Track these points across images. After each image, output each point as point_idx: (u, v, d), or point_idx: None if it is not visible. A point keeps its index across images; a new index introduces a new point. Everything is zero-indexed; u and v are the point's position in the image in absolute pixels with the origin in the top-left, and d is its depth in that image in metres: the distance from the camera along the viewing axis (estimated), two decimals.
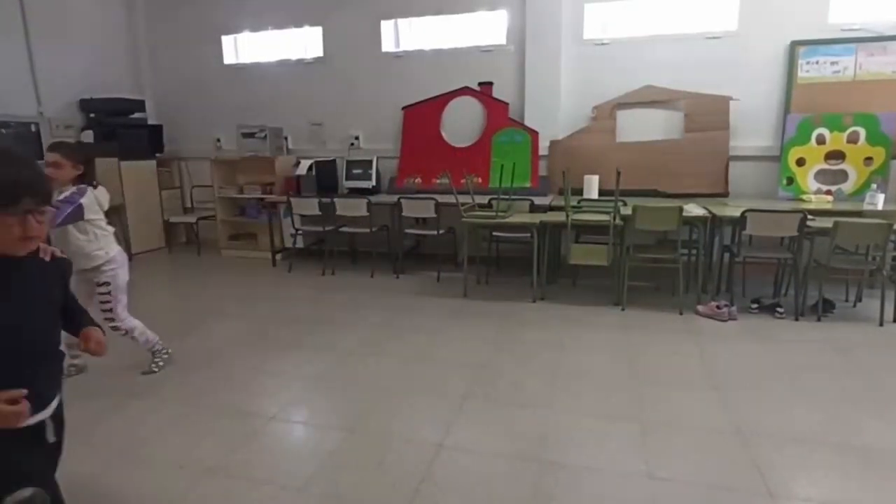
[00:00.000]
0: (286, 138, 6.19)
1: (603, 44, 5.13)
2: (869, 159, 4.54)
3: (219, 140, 6.47)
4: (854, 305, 4.10)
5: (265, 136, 5.84)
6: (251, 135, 5.88)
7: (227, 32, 6.34)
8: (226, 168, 6.21)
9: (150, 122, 6.49)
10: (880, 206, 4.16)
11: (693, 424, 2.40)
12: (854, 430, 2.37)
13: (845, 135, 4.56)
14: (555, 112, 5.21)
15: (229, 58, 6.44)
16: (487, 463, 2.18)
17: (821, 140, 4.62)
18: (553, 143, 5.22)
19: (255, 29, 6.22)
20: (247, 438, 2.36)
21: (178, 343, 3.28)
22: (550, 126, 5.20)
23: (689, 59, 4.89)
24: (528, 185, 5.18)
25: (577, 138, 5.16)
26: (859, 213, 4.07)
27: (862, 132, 4.52)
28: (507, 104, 5.37)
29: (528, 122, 5.28)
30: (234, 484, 2.05)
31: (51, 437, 1.38)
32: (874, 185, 4.35)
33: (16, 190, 1.18)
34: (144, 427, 2.47)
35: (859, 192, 4.48)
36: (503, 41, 5.39)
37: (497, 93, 5.40)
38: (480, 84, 5.43)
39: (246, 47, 6.41)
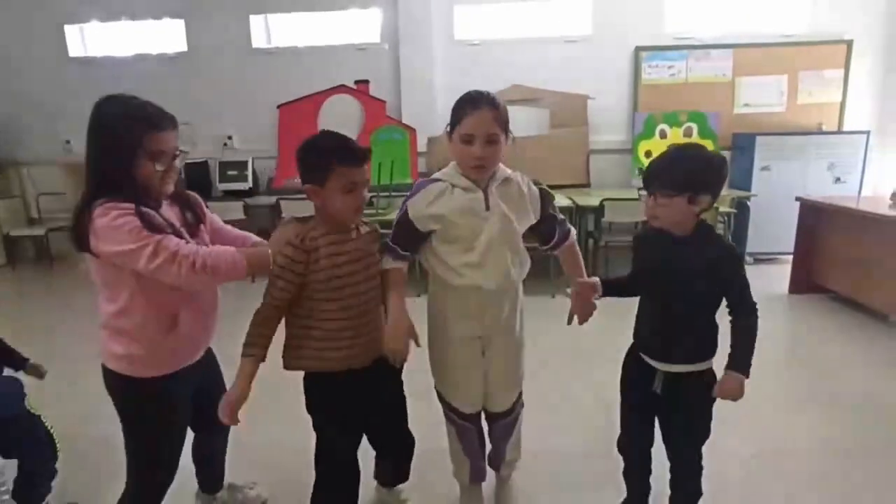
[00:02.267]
0: None
1: (473, 44, 5.37)
2: None
3: (68, 142, 5.82)
4: None
5: None
6: None
7: (71, 22, 5.72)
8: (79, 173, 5.54)
9: None
10: None
11: (567, 399, 2.63)
12: None
13: (682, 130, 5.21)
14: (431, 109, 5.36)
15: (75, 50, 5.81)
16: None
17: (663, 135, 5.24)
18: (431, 140, 5.37)
19: (105, 19, 5.68)
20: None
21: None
22: (428, 123, 5.34)
23: (551, 61, 5.29)
24: (408, 181, 5.27)
25: None
26: None
27: (695, 127, 5.19)
28: (384, 102, 5.42)
29: (405, 120, 5.38)
30: None
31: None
32: None
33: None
34: None
35: None
36: (377, 39, 5.43)
37: (374, 91, 5.44)
38: (357, 82, 5.43)
39: (96, 39, 5.83)
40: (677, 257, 1.44)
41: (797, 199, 4.21)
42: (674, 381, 1.50)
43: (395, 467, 1.80)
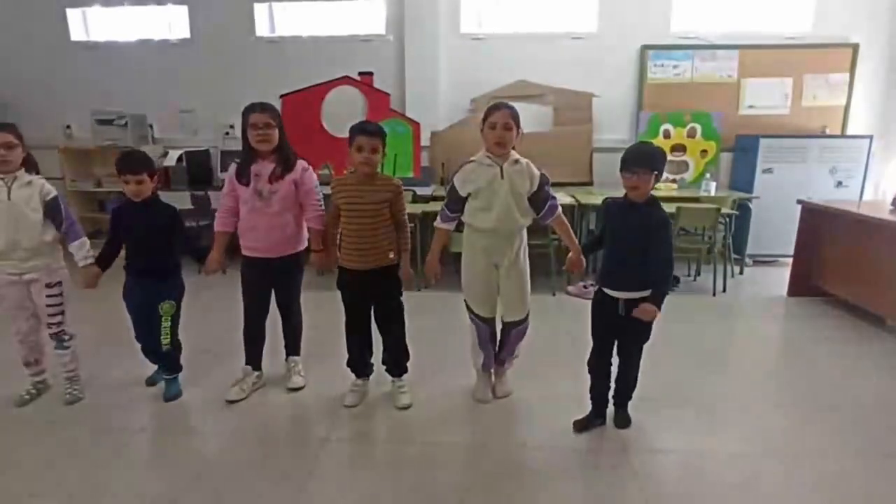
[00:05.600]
0: (151, 126, 5.69)
1: (479, 38, 5.34)
2: (704, 152, 5.24)
3: (69, 127, 5.78)
4: (694, 279, 4.73)
5: (125, 122, 5.33)
6: (109, 122, 5.34)
7: (73, 5, 5.66)
8: (79, 158, 5.59)
9: None
10: (713, 193, 4.83)
11: (559, 395, 2.65)
12: (693, 386, 2.78)
13: (686, 130, 5.21)
14: (435, 104, 5.34)
15: (77, 34, 5.76)
16: (369, 450, 2.26)
17: (667, 134, 5.23)
18: (434, 135, 5.35)
19: (107, 3, 5.63)
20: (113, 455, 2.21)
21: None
22: (431, 117, 5.33)
23: (556, 57, 5.27)
24: (410, 175, 5.26)
25: (457, 130, 5.34)
26: (697, 199, 4.69)
27: (698, 128, 5.19)
28: (388, 95, 5.38)
29: (409, 114, 5.34)
30: None
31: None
32: (708, 175, 5.03)
33: None
34: None
35: (697, 181, 5.16)
36: (382, 31, 5.40)
37: (378, 83, 5.39)
38: (360, 73, 5.39)
39: (98, 23, 5.78)
40: (636, 218, 2.12)
41: (798, 202, 4.22)
42: (631, 304, 2.15)
43: (391, 356, 2.61)
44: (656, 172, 2.07)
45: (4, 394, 2.60)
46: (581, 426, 2.35)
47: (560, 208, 2.43)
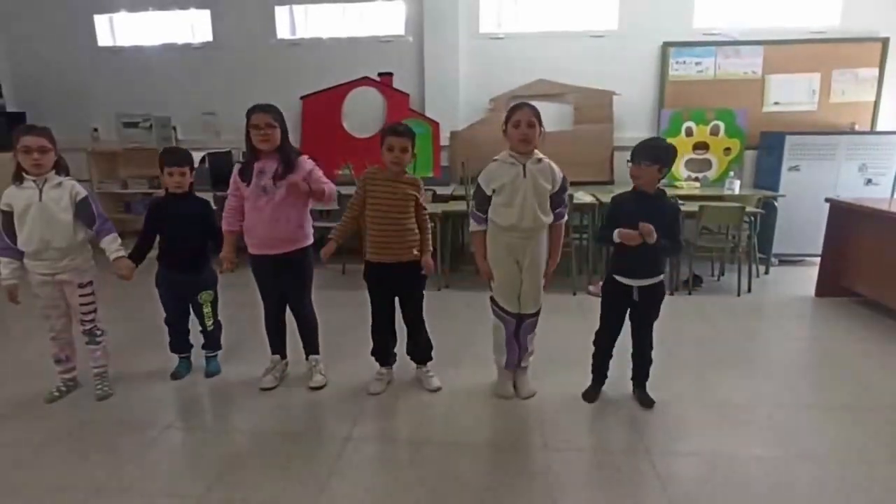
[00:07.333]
0: (174, 128, 5.80)
1: (498, 38, 5.33)
2: (728, 149, 5.15)
3: (96, 130, 5.91)
4: (718, 279, 4.65)
5: (150, 125, 5.44)
6: (134, 124, 5.45)
7: (101, 11, 5.80)
8: (105, 160, 5.71)
9: (8, 108, 5.81)
10: (737, 191, 4.74)
11: (580, 394, 2.62)
12: (718, 388, 2.73)
13: (708, 127, 5.13)
14: (454, 103, 5.34)
15: (104, 39, 5.89)
16: (391, 449, 2.27)
17: (689, 132, 5.16)
18: (454, 134, 5.35)
19: (133, 9, 5.75)
20: (140, 451, 2.25)
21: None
22: (450, 117, 5.33)
23: (576, 56, 5.22)
24: (430, 174, 5.28)
25: (476, 129, 5.33)
26: (720, 198, 4.61)
27: (722, 125, 5.11)
28: (407, 95, 5.41)
29: (428, 113, 5.37)
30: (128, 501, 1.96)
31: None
32: (732, 173, 4.94)
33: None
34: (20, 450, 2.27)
35: (720, 179, 5.07)
36: (402, 32, 5.42)
37: (397, 83, 5.43)
38: (380, 74, 5.43)
39: (124, 28, 5.90)
40: (647, 208, 2.30)
41: (827, 200, 4.12)
42: (644, 289, 2.39)
43: (415, 345, 2.74)
44: (659, 165, 2.24)
45: (35, 391, 2.67)
46: (592, 397, 2.57)
47: (566, 218, 2.54)
